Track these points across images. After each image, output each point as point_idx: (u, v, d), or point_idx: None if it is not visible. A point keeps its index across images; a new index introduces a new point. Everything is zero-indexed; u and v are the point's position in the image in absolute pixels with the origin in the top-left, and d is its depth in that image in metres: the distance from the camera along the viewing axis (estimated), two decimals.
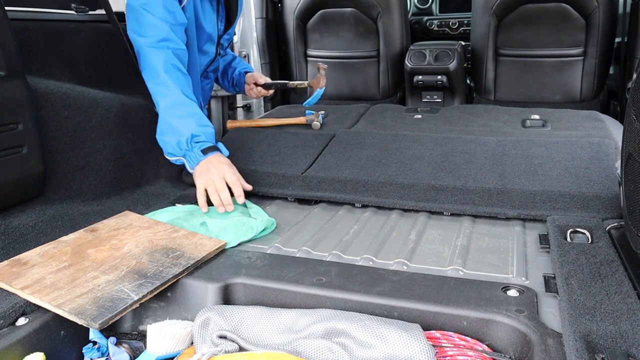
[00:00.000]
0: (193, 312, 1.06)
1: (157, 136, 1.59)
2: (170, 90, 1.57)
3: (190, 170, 1.57)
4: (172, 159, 1.61)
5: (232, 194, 1.52)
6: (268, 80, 2.22)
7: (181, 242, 1.29)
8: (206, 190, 1.51)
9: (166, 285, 1.11)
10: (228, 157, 1.60)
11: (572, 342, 0.83)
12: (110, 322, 0.98)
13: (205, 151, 1.54)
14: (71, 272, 1.13)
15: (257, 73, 2.26)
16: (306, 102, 2.19)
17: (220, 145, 1.63)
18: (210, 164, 1.52)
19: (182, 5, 1.72)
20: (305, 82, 2.18)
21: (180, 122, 1.55)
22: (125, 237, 1.32)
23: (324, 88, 1.88)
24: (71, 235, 1.31)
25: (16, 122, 1.38)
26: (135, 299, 1.03)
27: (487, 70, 3.05)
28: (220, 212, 1.48)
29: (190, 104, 1.58)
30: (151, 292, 1.07)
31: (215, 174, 1.49)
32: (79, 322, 0.97)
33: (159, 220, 1.43)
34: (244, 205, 1.56)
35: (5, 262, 1.16)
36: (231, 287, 1.11)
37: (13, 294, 1.05)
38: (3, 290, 1.07)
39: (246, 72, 2.26)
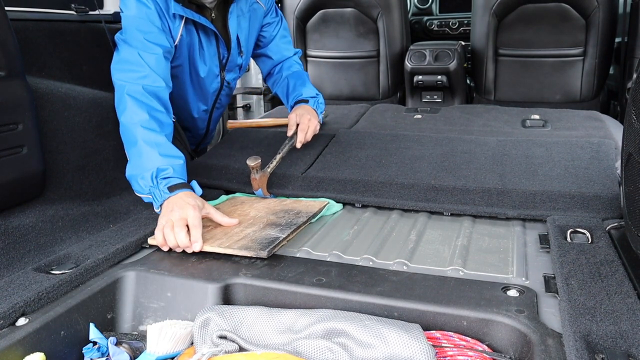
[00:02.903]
0: (193, 312, 1.06)
1: (127, 174, 1.45)
2: (131, 121, 1.45)
3: (156, 210, 1.39)
4: (141, 196, 1.44)
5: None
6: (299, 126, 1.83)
7: (293, 205, 1.53)
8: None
9: (299, 230, 1.37)
10: (202, 195, 1.42)
11: (572, 342, 0.83)
12: (273, 252, 1.22)
13: (172, 188, 1.36)
14: (220, 230, 1.35)
15: (301, 113, 1.86)
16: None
17: (194, 183, 1.44)
18: (175, 205, 1.30)
19: (175, 44, 1.67)
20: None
21: (143, 153, 1.40)
22: (245, 208, 1.53)
23: (260, 190, 1.61)
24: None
25: (16, 122, 1.38)
26: (283, 236, 1.28)
27: (487, 70, 3.05)
28: (178, 251, 1.27)
29: (153, 135, 1.43)
30: (292, 232, 1.32)
31: (176, 214, 1.27)
32: (249, 254, 1.20)
33: (264, 196, 1.64)
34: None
35: None
36: (231, 287, 1.11)
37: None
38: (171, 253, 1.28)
39: (298, 101, 1.96)
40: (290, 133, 1.83)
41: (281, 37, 2.08)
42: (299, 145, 1.80)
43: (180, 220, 1.26)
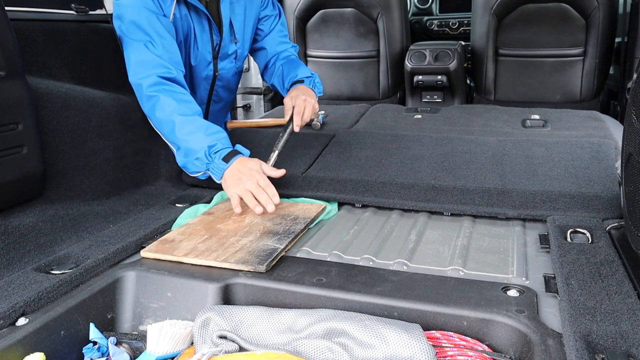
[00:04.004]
0: (193, 312, 1.06)
1: (179, 163, 1.59)
2: (165, 114, 1.55)
3: (218, 181, 1.54)
4: (197, 175, 1.59)
5: None
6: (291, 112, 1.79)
7: (290, 210, 1.50)
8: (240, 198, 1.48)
9: (297, 239, 1.33)
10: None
11: (572, 342, 0.83)
12: (271, 265, 1.16)
13: (226, 159, 1.51)
14: (215, 240, 1.31)
15: (296, 94, 1.82)
16: None
17: (239, 147, 1.58)
18: (241, 173, 1.47)
19: (171, 20, 1.67)
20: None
21: (190, 139, 1.53)
22: (240, 213, 1.48)
23: None
24: (194, 220, 1.45)
25: (16, 122, 1.38)
26: (282, 247, 1.23)
27: (487, 70, 3.05)
28: (258, 212, 1.44)
29: (191, 119, 1.55)
30: (290, 241, 1.28)
31: (249, 183, 1.45)
32: (247, 269, 1.15)
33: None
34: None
35: (156, 242, 1.31)
36: (231, 287, 1.11)
37: (177, 262, 1.22)
38: (165, 261, 1.23)
39: (293, 84, 1.93)
40: (287, 117, 1.79)
41: (278, 31, 2.07)
42: (297, 129, 1.76)
43: (257, 187, 1.45)
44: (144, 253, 1.26)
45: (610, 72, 2.97)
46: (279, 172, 1.56)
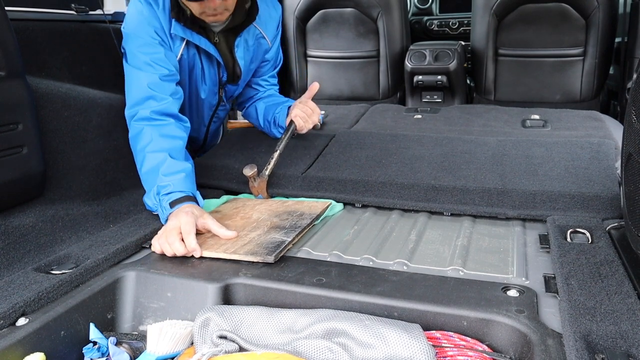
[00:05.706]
0: (193, 312, 1.06)
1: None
2: (139, 147, 1.50)
3: (164, 223, 1.40)
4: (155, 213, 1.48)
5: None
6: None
7: (296, 207, 1.52)
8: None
9: (304, 232, 1.35)
10: (203, 195, 1.46)
11: (572, 343, 0.83)
12: (280, 256, 1.20)
13: (174, 203, 1.37)
14: None
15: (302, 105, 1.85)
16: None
17: (198, 194, 1.46)
18: (174, 216, 1.31)
19: (177, 58, 1.66)
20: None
21: (146, 178, 1.47)
22: (247, 211, 1.51)
23: (260, 195, 1.66)
24: None
25: (16, 122, 1.38)
26: (289, 240, 1.26)
27: (487, 70, 3.05)
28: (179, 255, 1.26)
29: (155, 157, 1.46)
30: (297, 235, 1.31)
31: (171, 224, 1.28)
32: (256, 259, 1.19)
33: (266, 199, 1.65)
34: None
35: None
36: (231, 287, 1.11)
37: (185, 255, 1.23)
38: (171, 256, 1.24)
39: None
40: (287, 121, 1.83)
41: (271, 76, 2.08)
42: (303, 130, 1.81)
43: (173, 229, 1.26)
44: (154, 249, 1.28)
45: (610, 72, 2.96)
46: (229, 233, 1.32)
